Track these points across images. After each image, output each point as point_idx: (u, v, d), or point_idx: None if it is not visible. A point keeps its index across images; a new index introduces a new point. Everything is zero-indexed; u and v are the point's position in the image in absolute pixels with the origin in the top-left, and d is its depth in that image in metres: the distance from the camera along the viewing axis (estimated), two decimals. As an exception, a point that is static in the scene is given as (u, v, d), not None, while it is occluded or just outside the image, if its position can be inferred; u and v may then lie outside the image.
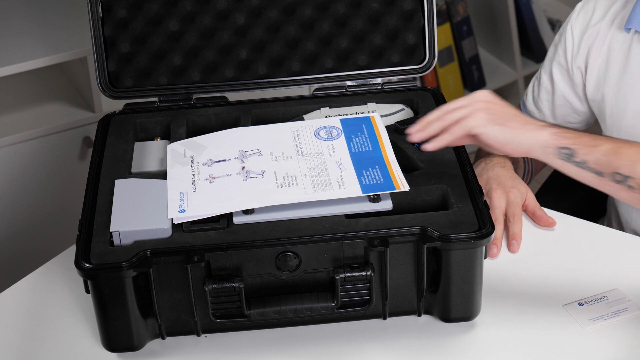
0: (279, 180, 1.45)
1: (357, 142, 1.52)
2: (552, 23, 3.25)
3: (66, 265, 1.55)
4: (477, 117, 1.38)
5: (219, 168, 1.48)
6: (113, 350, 1.41)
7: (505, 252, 1.55)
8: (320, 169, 1.46)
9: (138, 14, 1.66)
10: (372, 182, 1.43)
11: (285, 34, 1.68)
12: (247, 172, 1.46)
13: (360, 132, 1.54)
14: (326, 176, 1.45)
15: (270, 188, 1.43)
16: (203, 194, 1.44)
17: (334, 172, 1.46)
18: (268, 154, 1.50)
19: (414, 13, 1.68)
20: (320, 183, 1.43)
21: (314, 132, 1.54)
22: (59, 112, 2.37)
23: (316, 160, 1.48)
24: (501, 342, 1.40)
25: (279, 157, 1.49)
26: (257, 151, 1.51)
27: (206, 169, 1.48)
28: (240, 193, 1.43)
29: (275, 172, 1.46)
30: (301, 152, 1.50)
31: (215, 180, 1.46)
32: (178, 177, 1.47)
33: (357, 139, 1.53)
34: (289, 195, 1.41)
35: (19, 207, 2.34)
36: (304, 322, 1.43)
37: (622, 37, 1.62)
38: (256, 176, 1.45)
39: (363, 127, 1.56)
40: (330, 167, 1.47)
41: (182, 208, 1.40)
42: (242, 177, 1.46)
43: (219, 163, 1.49)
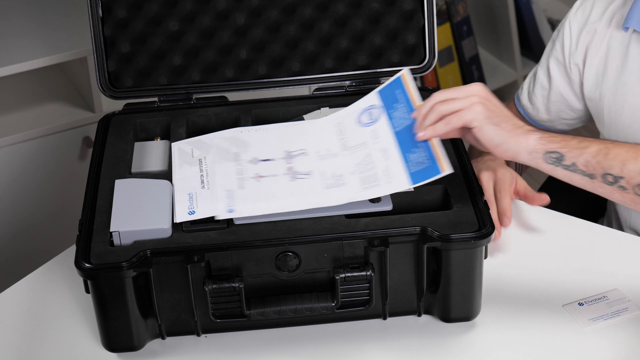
0: (326, 180, 1.44)
1: (397, 116, 1.48)
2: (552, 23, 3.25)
3: (66, 265, 1.55)
4: (475, 110, 1.38)
5: (265, 167, 1.47)
6: (113, 350, 1.41)
7: (505, 252, 1.55)
8: (366, 163, 1.44)
9: (138, 14, 1.66)
10: (419, 167, 1.40)
11: (285, 34, 1.68)
12: (293, 173, 1.45)
13: (397, 101, 1.49)
14: (372, 170, 1.43)
15: (318, 190, 1.42)
16: (250, 192, 1.42)
17: (379, 163, 1.43)
18: (313, 153, 1.49)
19: (414, 13, 1.68)
20: (368, 179, 1.41)
21: (356, 118, 1.51)
22: (59, 112, 2.37)
23: (361, 153, 1.46)
24: (501, 342, 1.40)
25: (325, 156, 1.48)
26: (303, 151, 1.49)
27: (252, 166, 1.47)
28: (289, 193, 1.42)
29: (322, 172, 1.45)
30: (346, 146, 1.48)
31: (262, 180, 1.45)
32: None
33: (396, 112, 1.48)
34: (337, 199, 1.40)
35: (19, 207, 2.34)
36: (304, 322, 1.43)
37: (621, 35, 1.62)
38: (303, 177, 1.44)
39: (398, 93, 1.50)
40: (376, 157, 1.44)
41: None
42: (289, 177, 1.45)
43: (265, 162, 1.48)
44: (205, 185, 1.45)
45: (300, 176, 1.45)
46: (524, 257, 1.54)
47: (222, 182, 1.45)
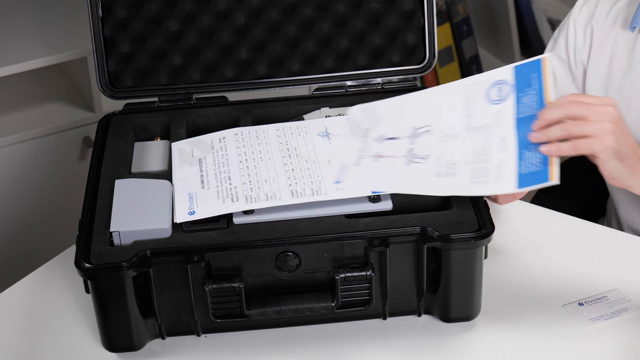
0: (439, 168, 1.40)
1: (525, 102, 1.39)
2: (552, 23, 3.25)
3: (66, 265, 1.55)
4: (604, 142, 1.32)
5: (389, 146, 1.45)
6: (113, 350, 1.41)
7: (505, 252, 1.55)
8: (483, 152, 1.39)
9: (138, 14, 1.66)
10: (530, 169, 1.35)
11: (285, 34, 1.68)
12: (412, 155, 1.42)
13: (529, 85, 1.39)
14: (486, 162, 1.38)
15: (429, 177, 1.40)
16: (363, 170, 1.42)
17: (495, 154, 1.38)
18: (437, 131, 1.44)
19: (414, 13, 1.68)
20: (479, 172, 1.37)
21: (485, 91, 1.42)
22: (59, 112, 2.37)
23: (481, 139, 1.40)
24: (501, 342, 1.40)
25: (447, 136, 1.43)
26: (428, 129, 1.44)
27: (376, 144, 1.45)
28: (399, 177, 1.40)
29: (438, 157, 1.41)
30: (469, 126, 1.42)
31: (380, 160, 1.43)
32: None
33: (525, 97, 1.39)
34: (443, 189, 1.37)
35: (19, 207, 2.35)
36: (304, 322, 1.43)
37: (626, 35, 1.62)
38: (419, 161, 1.41)
39: (533, 77, 1.40)
40: (493, 146, 1.38)
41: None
42: (406, 161, 1.42)
43: (390, 141, 1.45)
44: (205, 185, 1.45)
45: (417, 160, 1.42)
46: (524, 257, 1.54)
47: (342, 157, 1.45)
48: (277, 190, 1.42)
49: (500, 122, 1.40)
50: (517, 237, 1.58)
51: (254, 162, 1.49)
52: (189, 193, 1.44)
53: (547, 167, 1.33)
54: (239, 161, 1.49)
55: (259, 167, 1.48)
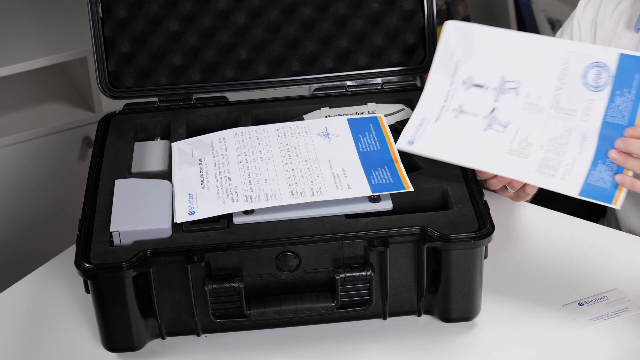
0: (514, 144, 1.36)
1: (618, 104, 1.34)
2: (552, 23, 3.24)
3: (66, 265, 1.55)
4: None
5: (473, 98, 1.40)
6: (113, 350, 1.41)
7: (505, 252, 1.55)
8: (560, 142, 1.34)
9: (138, 14, 1.66)
10: (598, 183, 1.33)
11: (285, 34, 1.68)
12: (493, 118, 1.37)
13: (630, 86, 1.32)
14: (560, 155, 1.33)
15: (499, 152, 1.37)
16: (440, 130, 1.39)
17: (571, 151, 1.33)
18: (524, 95, 1.38)
19: (414, 13, 1.68)
20: (549, 162, 1.33)
21: (583, 68, 1.34)
22: (59, 112, 2.37)
23: (564, 126, 1.34)
24: (501, 342, 1.40)
25: (532, 106, 1.36)
26: (516, 86, 1.38)
27: (461, 91, 1.40)
28: (471, 147, 1.37)
29: (517, 129, 1.36)
30: (557, 104, 1.35)
31: (460, 117, 1.39)
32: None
33: (620, 98, 1.33)
34: (509, 169, 1.34)
35: (19, 207, 2.35)
36: (304, 322, 1.43)
37: (630, 36, 1.62)
38: (498, 129, 1.37)
39: (636, 80, 1.31)
40: (572, 141, 1.33)
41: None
42: (485, 124, 1.38)
43: (476, 89, 1.40)
44: (206, 185, 1.45)
45: (496, 127, 1.38)
46: (524, 257, 1.54)
47: (422, 109, 1.41)
48: (277, 190, 1.42)
49: (588, 115, 1.33)
50: (517, 237, 1.58)
51: (254, 162, 1.49)
52: (189, 193, 1.44)
53: (615, 190, 1.31)
54: (239, 161, 1.49)
55: (259, 167, 1.48)
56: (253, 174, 1.46)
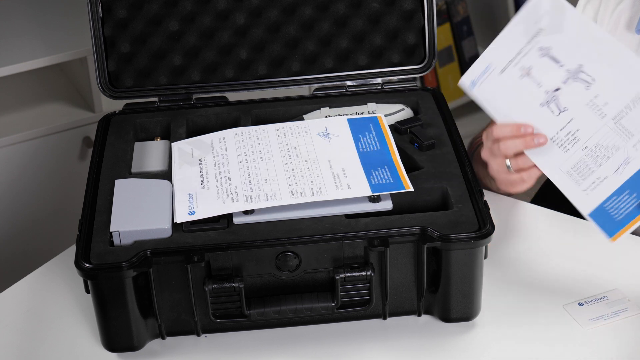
0: (561, 132, 1.33)
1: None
2: (552, 23, 3.24)
3: (66, 265, 1.55)
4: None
5: (542, 67, 1.34)
6: (113, 350, 1.41)
7: (505, 252, 1.55)
8: (604, 153, 1.31)
9: (138, 14, 1.66)
10: (613, 212, 1.33)
11: (285, 34, 1.68)
12: (553, 97, 1.32)
13: None
14: (597, 165, 1.31)
15: (545, 133, 1.34)
16: (499, 85, 1.35)
17: (608, 168, 1.30)
18: (593, 94, 1.31)
19: (414, 13, 1.68)
20: (582, 168, 1.32)
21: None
22: (59, 112, 2.37)
23: (615, 142, 1.30)
24: (501, 342, 1.40)
25: (596, 107, 1.31)
26: (590, 81, 1.32)
27: (534, 55, 1.35)
28: (523, 114, 1.33)
29: (570, 119, 1.32)
30: (619, 119, 1.30)
31: (524, 79, 1.35)
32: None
33: None
34: (543, 158, 1.33)
35: (19, 207, 2.34)
36: (304, 322, 1.43)
37: (630, 37, 1.61)
38: (553, 110, 1.33)
39: None
40: (614, 158, 1.31)
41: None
42: (544, 99, 1.34)
43: (550, 60, 1.34)
44: (206, 185, 1.45)
45: (552, 107, 1.33)
46: (524, 257, 1.54)
47: (496, 52, 1.37)
48: (277, 190, 1.42)
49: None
50: (517, 237, 1.58)
51: (254, 162, 1.49)
52: (189, 193, 1.44)
53: (622, 227, 1.33)
54: (239, 161, 1.49)
55: (259, 167, 1.48)
56: (253, 174, 1.46)
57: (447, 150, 1.53)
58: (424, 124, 1.59)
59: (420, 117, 1.61)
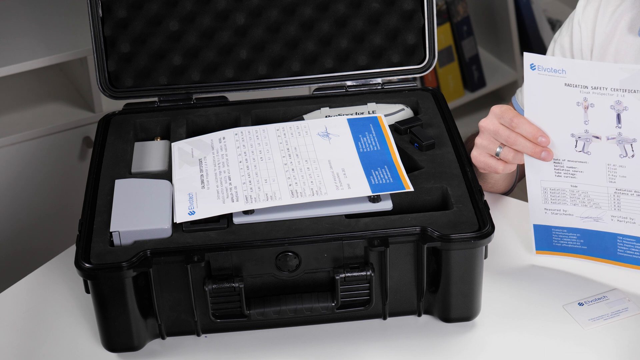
0: (565, 162, 1.35)
1: None
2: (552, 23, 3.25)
3: (66, 265, 1.55)
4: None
5: (602, 116, 1.31)
6: (113, 350, 1.41)
7: (505, 252, 1.55)
8: (588, 201, 1.37)
9: (138, 14, 1.66)
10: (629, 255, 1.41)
11: (285, 34, 1.68)
12: (586, 139, 1.32)
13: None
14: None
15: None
16: (555, 93, 1.32)
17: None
18: (628, 163, 1.33)
19: (414, 13, 1.68)
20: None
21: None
22: (59, 112, 2.37)
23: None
24: (501, 342, 1.40)
25: (615, 174, 1.34)
26: (630, 154, 1.32)
27: (606, 101, 1.31)
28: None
29: (585, 162, 1.34)
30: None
31: (580, 107, 1.31)
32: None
33: None
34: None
35: (19, 207, 2.35)
36: (304, 322, 1.43)
37: (631, 40, 1.61)
38: (577, 146, 1.33)
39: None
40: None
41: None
42: (577, 133, 1.33)
43: (612, 118, 1.31)
44: (206, 185, 1.45)
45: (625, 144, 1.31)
46: (524, 257, 1.54)
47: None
48: (277, 190, 1.42)
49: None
50: (517, 237, 1.58)
51: (254, 162, 1.49)
52: (189, 193, 1.44)
53: (555, 250, 1.43)
54: (239, 161, 1.49)
55: (259, 167, 1.48)
56: (253, 174, 1.46)
57: (447, 150, 1.53)
58: (424, 124, 1.59)
59: (420, 117, 1.61)
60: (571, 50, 1.68)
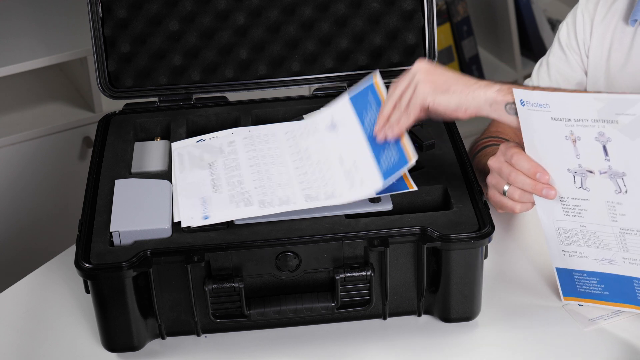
0: (569, 200, 1.33)
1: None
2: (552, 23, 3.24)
3: (66, 265, 1.55)
4: (421, 90, 1.39)
5: (589, 149, 1.28)
6: (113, 350, 1.41)
7: (505, 252, 1.55)
8: (599, 241, 1.35)
9: (138, 14, 1.66)
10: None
11: (285, 34, 1.68)
12: (582, 173, 1.30)
13: None
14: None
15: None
16: (545, 128, 1.30)
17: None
18: (623, 200, 1.30)
19: (414, 13, 1.68)
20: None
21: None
22: (59, 112, 2.37)
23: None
24: (501, 342, 1.40)
25: (615, 212, 1.31)
26: (623, 190, 1.29)
27: (590, 133, 1.27)
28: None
29: (586, 199, 1.32)
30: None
31: (568, 141, 1.29)
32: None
33: None
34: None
35: (19, 207, 2.35)
36: (304, 322, 1.43)
37: (627, 28, 1.62)
38: (576, 181, 1.32)
39: None
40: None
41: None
42: (572, 168, 1.31)
43: (599, 150, 1.28)
44: (218, 190, 1.44)
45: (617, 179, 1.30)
46: (524, 257, 1.54)
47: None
48: (291, 195, 1.42)
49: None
50: (517, 237, 1.58)
51: (265, 166, 1.49)
52: (202, 197, 1.43)
53: (580, 297, 1.42)
54: (250, 165, 1.49)
55: (270, 171, 1.47)
56: (265, 178, 1.46)
57: (447, 150, 1.53)
58: (424, 124, 1.59)
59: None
60: (576, 40, 1.67)
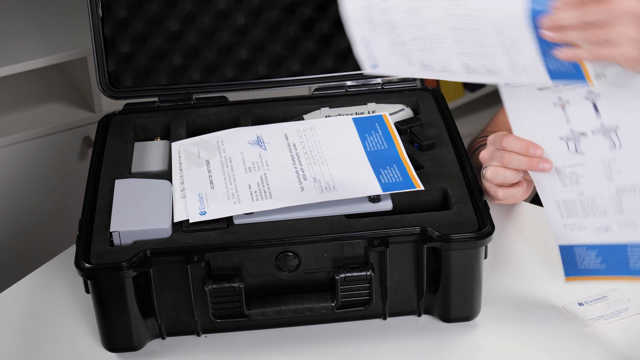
0: (565, 169, 1.35)
1: None
2: None
3: (66, 265, 1.55)
4: (625, 52, 1.20)
5: (579, 110, 1.30)
6: (113, 350, 1.41)
7: (505, 252, 1.55)
8: (596, 208, 1.37)
9: (138, 14, 1.66)
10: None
11: (285, 34, 1.68)
12: (574, 137, 1.31)
13: None
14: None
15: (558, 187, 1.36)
16: (533, 101, 1.32)
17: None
18: (619, 155, 1.32)
19: (414, 13, 1.67)
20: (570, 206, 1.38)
21: None
22: (59, 112, 2.37)
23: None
24: (501, 342, 1.40)
25: (611, 170, 1.33)
26: (617, 144, 1.31)
27: (579, 93, 1.30)
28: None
29: (582, 163, 1.34)
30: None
31: (557, 107, 1.32)
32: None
33: None
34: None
35: (19, 207, 2.35)
36: (304, 322, 1.43)
37: None
38: (569, 147, 1.33)
39: None
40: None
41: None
42: (564, 135, 1.33)
43: (590, 108, 1.30)
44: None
45: (571, 145, 1.32)
46: (524, 257, 1.54)
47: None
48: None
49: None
50: (517, 237, 1.58)
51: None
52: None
53: (580, 275, 1.42)
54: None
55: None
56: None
57: (447, 150, 1.53)
58: (424, 124, 1.59)
59: (420, 117, 1.61)
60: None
